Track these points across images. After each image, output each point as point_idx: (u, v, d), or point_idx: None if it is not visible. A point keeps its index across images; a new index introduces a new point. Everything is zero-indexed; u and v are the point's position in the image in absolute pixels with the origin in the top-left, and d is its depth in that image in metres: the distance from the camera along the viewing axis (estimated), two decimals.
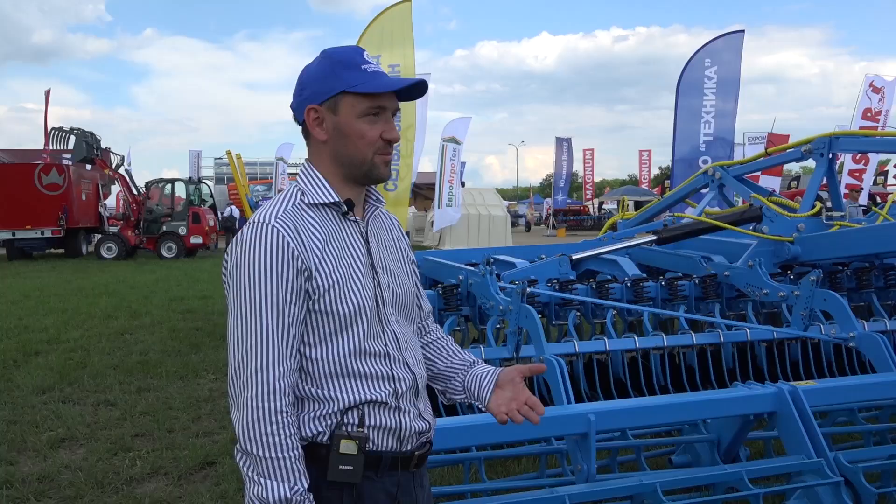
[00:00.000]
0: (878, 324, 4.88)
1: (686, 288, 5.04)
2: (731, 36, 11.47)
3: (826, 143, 5.40)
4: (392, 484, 1.62)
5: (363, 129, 1.59)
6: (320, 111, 1.61)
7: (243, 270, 1.51)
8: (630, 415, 3.13)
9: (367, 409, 1.57)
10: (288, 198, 1.61)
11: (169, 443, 4.87)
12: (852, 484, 3.06)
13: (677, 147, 11.64)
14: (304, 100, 1.63)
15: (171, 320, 9.83)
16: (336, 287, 1.55)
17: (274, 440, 1.47)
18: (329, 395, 1.56)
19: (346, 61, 1.60)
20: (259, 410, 1.47)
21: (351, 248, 1.62)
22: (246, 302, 1.50)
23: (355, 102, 1.58)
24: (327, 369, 1.57)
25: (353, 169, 1.63)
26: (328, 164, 1.64)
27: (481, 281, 4.43)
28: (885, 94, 15.87)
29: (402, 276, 1.75)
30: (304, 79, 1.65)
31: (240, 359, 1.50)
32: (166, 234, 21.59)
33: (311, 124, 1.63)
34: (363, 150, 1.60)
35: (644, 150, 46.76)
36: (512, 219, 24.02)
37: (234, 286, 1.53)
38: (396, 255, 1.77)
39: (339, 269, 1.57)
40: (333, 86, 1.59)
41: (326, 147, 1.63)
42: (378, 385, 1.59)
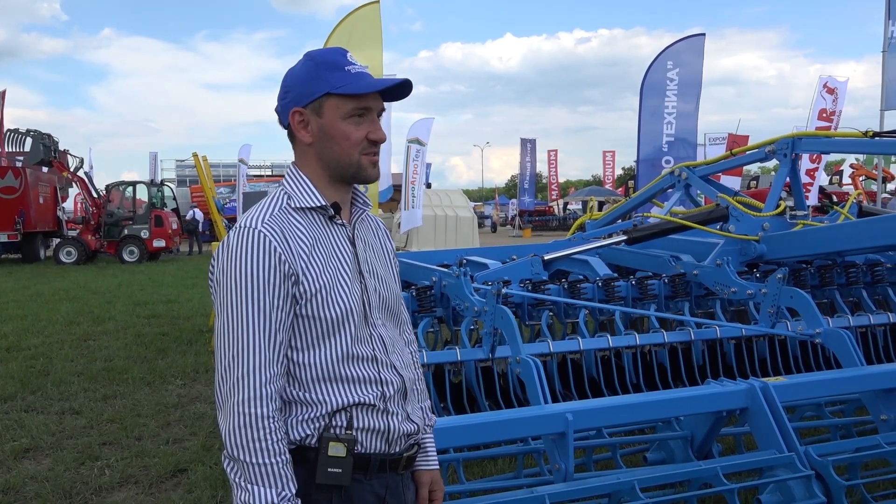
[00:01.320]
0: (842, 320, 5.01)
1: (656, 287, 5.11)
2: (693, 39, 11.68)
3: (789, 143, 5.53)
4: (381, 486, 1.61)
5: (348, 131, 1.58)
6: (305, 114, 1.60)
7: (230, 275, 1.50)
8: (607, 413, 3.16)
9: (355, 411, 1.57)
10: (274, 202, 1.60)
11: (138, 451, 4.78)
12: (822, 477, 3.13)
13: (641, 148, 11.81)
14: (288, 103, 1.62)
15: (135, 325, 9.65)
16: (323, 291, 1.54)
17: (261, 445, 1.45)
18: (317, 399, 1.55)
19: (329, 63, 1.59)
20: (246, 416, 1.45)
21: (338, 252, 1.61)
22: (233, 307, 1.48)
23: (340, 104, 1.57)
24: (315, 373, 1.56)
25: (340, 170, 1.62)
26: (314, 167, 1.63)
27: (455, 282, 4.44)
28: (838, 95, 16.25)
29: (389, 279, 1.75)
30: (287, 82, 1.63)
31: (227, 364, 1.48)
32: (128, 237, 21.17)
33: (296, 127, 1.61)
34: (349, 152, 1.60)
35: (608, 151, 47.33)
36: (478, 220, 24.08)
37: (221, 291, 1.52)
38: (383, 258, 1.76)
39: (327, 273, 1.56)
40: (317, 88, 1.58)
41: (312, 149, 1.62)
42: (366, 388, 1.59)
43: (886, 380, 3.52)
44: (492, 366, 4.38)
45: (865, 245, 4.85)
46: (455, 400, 4.37)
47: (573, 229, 7.70)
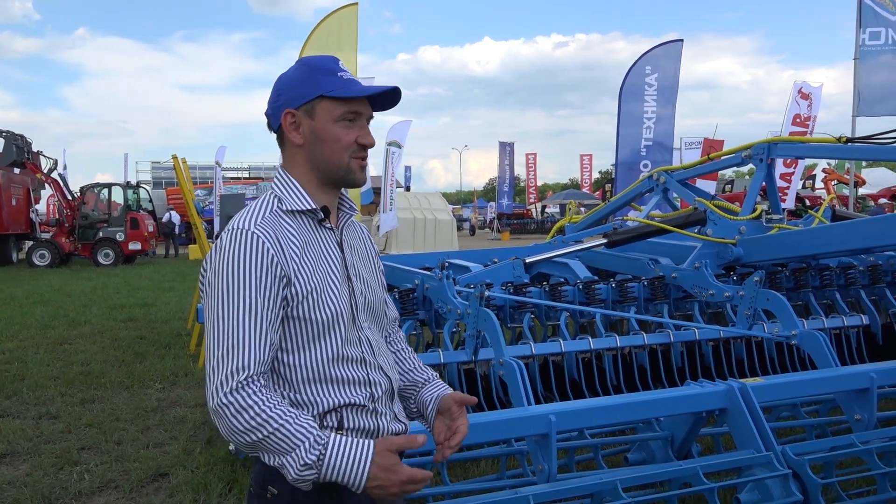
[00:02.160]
0: (817, 322, 5.11)
1: (636, 290, 5.17)
2: (671, 45, 11.82)
3: (765, 148, 5.63)
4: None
5: (339, 134, 1.62)
6: (297, 115, 1.63)
7: (222, 275, 1.51)
8: (589, 415, 3.20)
9: (345, 412, 1.60)
10: (265, 204, 1.62)
11: (118, 455, 4.73)
12: (799, 476, 3.20)
13: (620, 152, 11.92)
14: (280, 105, 1.65)
15: (112, 329, 9.54)
16: (314, 294, 1.57)
17: (262, 418, 1.44)
18: (308, 400, 1.58)
19: (323, 68, 1.64)
20: (235, 403, 1.45)
21: (327, 255, 1.64)
22: (224, 306, 1.50)
23: (332, 107, 1.61)
24: (306, 375, 1.58)
25: (330, 173, 1.65)
26: (304, 170, 1.66)
27: (438, 285, 4.46)
28: (812, 101, 16.53)
29: (374, 283, 1.78)
30: (280, 85, 1.67)
31: (215, 364, 1.49)
32: (103, 240, 20.92)
33: (287, 128, 1.65)
34: (339, 154, 1.63)
35: (585, 155, 47.56)
36: (456, 223, 24.16)
37: (212, 291, 1.53)
38: (368, 262, 1.80)
39: (317, 276, 1.59)
40: (311, 90, 1.62)
41: (302, 151, 1.65)
42: (356, 389, 1.62)
43: (860, 380, 3.60)
44: (475, 368, 4.41)
45: (839, 248, 4.96)
46: None
47: (553, 232, 7.77)
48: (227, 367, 1.47)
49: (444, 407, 1.77)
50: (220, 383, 1.46)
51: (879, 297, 5.72)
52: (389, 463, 1.48)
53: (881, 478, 3.36)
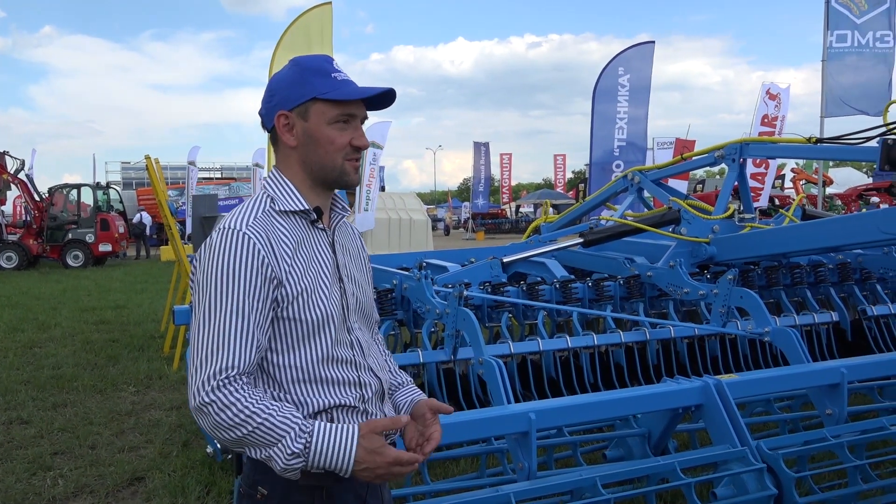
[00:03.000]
0: (788, 319, 5.21)
1: (612, 288, 5.23)
2: (643, 46, 11.96)
3: (737, 148, 5.72)
4: (361, 486, 1.65)
5: (333, 136, 1.62)
6: (290, 117, 1.64)
7: (211, 275, 1.51)
8: (569, 412, 3.23)
9: (336, 412, 1.60)
10: (258, 204, 1.63)
11: (92, 459, 4.67)
12: (774, 470, 3.26)
13: (594, 152, 12.03)
14: (273, 106, 1.65)
15: (83, 332, 9.40)
16: (305, 294, 1.58)
17: (247, 412, 1.44)
18: (298, 400, 1.58)
19: (316, 69, 1.63)
20: (218, 401, 1.45)
21: (319, 256, 1.65)
22: (212, 306, 1.50)
23: (325, 109, 1.62)
24: (296, 375, 1.58)
25: (323, 175, 1.66)
26: (297, 171, 1.67)
27: (416, 285, 4.47)
28: (780, 101, 16.79)
29: (365, 284, 1.79)
30: (273, 85, 1.67)
31: (199, 363, 1.48)
32: (72, 241, 20.56)
33: (280, 130, 1.65)
34: (333, 156, 1.64)
35: (559, 155, 47.91)
36: (431, 223, 24.19)
37: (200, 291, 1.53)
38: (359, 263, 1.81)
39: (308, 276, 1.60)
40: (304, 92, 1.62)
41: (296, 153, 1.66)
42: (346, 390, 1.62)
43: (831, 376, 3.68)
44: (454, 367, 4.42)
45: (809, 247, 5.05)
46: None
47: (528, 232, 7.82)
48: (211, 366, 1.47)
49: (417, 413, 1.76)
50: (203, 381, 1.46)
51: (848, 295, 5.84)
52: (375, 445, 1.48)
53: (852, 471, 3.43)
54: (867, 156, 4.94)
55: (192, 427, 5.21)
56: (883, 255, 5.84)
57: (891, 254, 5.79)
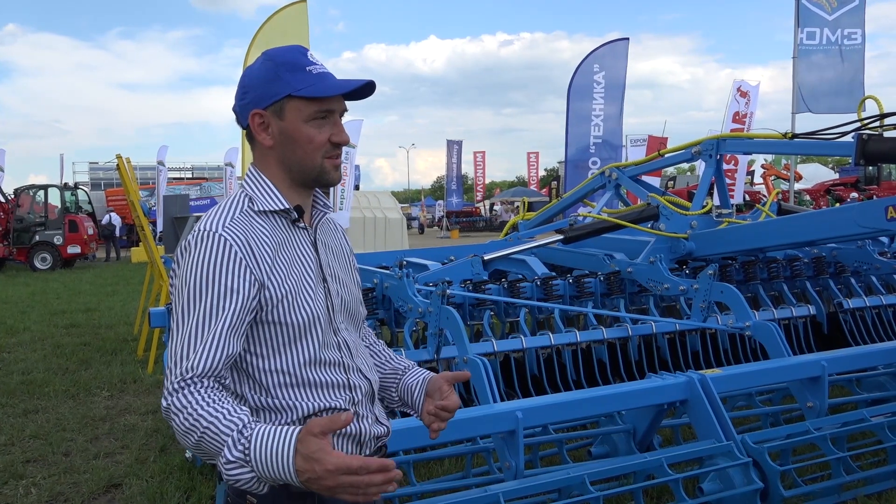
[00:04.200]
0: (767, 313, 5.26)
1: (592, 285, 5.23)
2: (617, 43, 12.02)
3: (714, 144, 5.76)
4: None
5: (311, 134, 1.55)
6: (265, 116, 1.56)
7: (189, 279, 1.46)
8: (556, 410, 3.22)
9: (326, 416, 1.54)
10: (235, 204, 1.56)
11: (66, 467, 4.55)
12: (759, 464, 3.27)
13: (569, 149, 12.06)
14: (246, 104, 1.58)
15: (53, 336, 9.19)
16: (289, 297, 1.52)
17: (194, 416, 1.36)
18: (286, 405, 1.52)
19: (290, 63, 1.55)
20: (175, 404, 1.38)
21: (301, 256, 1.59)
22: (188, 310, 1.44)
23: (302, 106, 1.54)
24: (283, 380, 1.53)
25: (303, 174, 1.59)
26: (275, 170, 1.60)
27: (398, 284, 4.43)
28: (750, 99, 16.99)
29: (350, 282, 1.73)
30: (246, 82, 1.59)
31: (173, 364, 1.43)
32: (40, 243, 20.14)
33: (256, 129, 1.58)
34: (312, 155, 1.57)
35: (532, 153, 47.92)
36: (406, 221, 24.13)
37: (178, 294, 1.48)
38: (343, 261, 1.75)
39: (291, 278, 1.54)
40: (278, 90, 1.54)
41: (273, 152, 1.59)
42: (335, 393, 1.57)
43: (812, 369, 3.72)
44: (437, 367, 4.38)
45: (787, 241, 5.10)
46: None
47: (506, 229, 7.81)
48: (176, 370, 1.41)
49: (432, 388, 1.69)
50: (168, 385, 1.41)
51: (823, 288, 5.91)
52: (311, 450, 1.27)
53: (835, 463, 3.46)
54: (842, 151, 5.00)
55: (169, 431, 5.11)
56: (857, 249, 5.93)
57: (864, 247, 5.88)
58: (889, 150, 4.63)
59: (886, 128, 4.70)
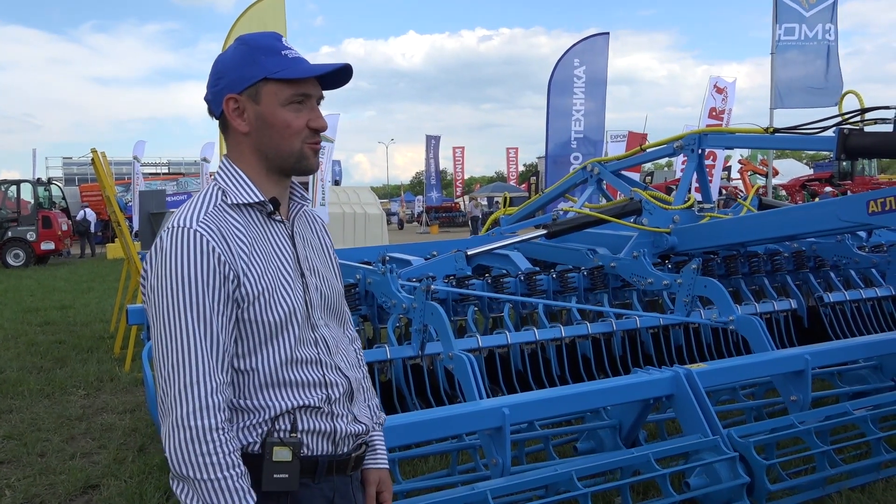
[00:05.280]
0: (749, 307, 5.28)
1: (576, 280, 5.21)
2: (597, 38, 12.02)
3: (696, 139, 5.77)
4: (329, 489, 1.56)
5: (288, 119, 1.51)
6: (240, 100, 1.51)
7: (165, 280, 1.39)
8: (542, 406, 3.19)
9: (299, 413, 1.50)
10: (208, 198, 1.50)
11: (42, 468, 4.45)
12: (745, 458, 3.27)
13: (550, 145, 12.04)
14: (220, 90, 1.53)
15: (27, 334, 9.01)
16: (266, 294, 1.47)
17: (210, 459, 1.36)
18: (258, 405, 1.47)
19: (264, 47, 1.51)
20: (191, 430, 1.36)
21: (278, 250, 1.53)
22: (170, 314, 1.38)
23: (278, 90, 1.50)
24: (258, 380, 1.48)
25: (280, 161, 1.54)
26: (249, 159, 1.54)
27: (381, 279, 4.38)
28: (727, 95, 17.13)
29: (330, 276, 1.67)
30: (219, 67, 1.54)
31: (167, 375, 1.38)
32: (12, 240, 19.78)
33: (230, 115, 1.53)
34: (290, 141, 1.52)
35: (511, 148, 47.98)
36: (385, 216, 24.05)
37: (155, 297, 1.41)
38: (322, 255, 1.69)
39: (268, 274, 1.48)
40: (253, 73, 1.50)
41: (249, 139, 1.53)
42: (310, 392, 1.52)
43: (796, 363, 3.73)
44: (421, 363, 4.34)
45: (769, 236, 5.12)
46: (384, 399, 4.31)
47: (488, 225, 7.78)
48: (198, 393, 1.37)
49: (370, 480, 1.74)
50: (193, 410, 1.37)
51: (803, 282, 5.95)
52: None
53: (819, 456, 3.48)
54: (823, 145, 5.03)
55: (148, 430, 5.02)
56: (836, 243, 5.96)
57: (844, 242, 5.92)
58: (870, 145, 4.66)
59: (867, 122, 4.73)
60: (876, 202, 4.25)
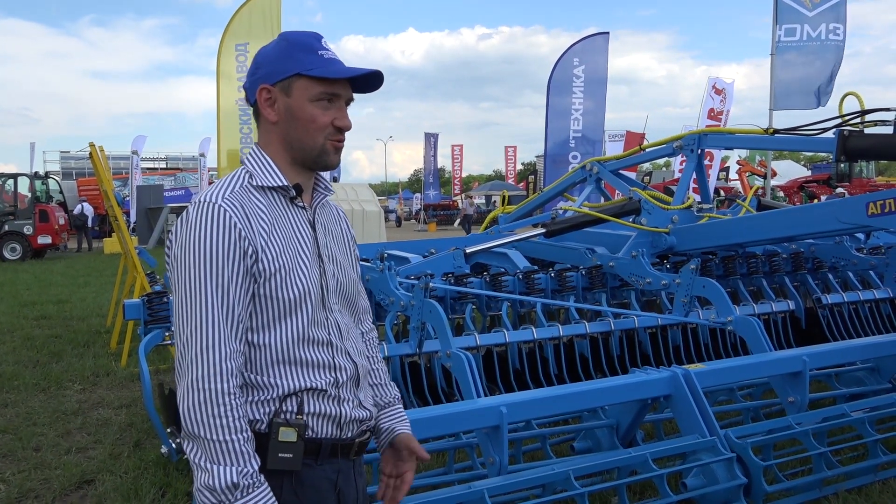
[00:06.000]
0: (747, 308, 5.27)
1: (574, 279, 5.21)
2: (597, 37, 12.01)
3: (695, 139, 5.76)
4: (332, 471, 1.62)
5: (315, 114, 1.59)
6: (273, 91, 1.60)
7: (188, 250, 1.48)
8: (540, 405, 3.19)
9: (306, 396, 1.57)
10: (236, 179, 1.59)
11: (37, 462, 4.44)
12: (742, 459, 3.27)
13: (549, 143, 12.04)
14: (257, 79, 1.62)
15: (23, 328, 8.98)
16: (283, 272, 1.54)
17: (220, 422, 1.43)
18: (269, 382, 1.54)
19: (303, 44, 1.60)
20: (204, 392, 1.44)
21: (298, 233, 1.61)
22: (190, 282, 1.47)
23: (309, 86, 1.58)
24: (269, 356, 1.55)
25: (303, 153, 1.62)
26: (277, 148, 1.63)
27: (380, 277, 4.37)
28: (726, 96, 17.13)
29: (347, 266, 1.75)
30: (259, 59, 1.64)
31: (185, 340, 1.47)
32: (9, 233, 19.74)
33: (262, 104, 1.62)
34: (314, 135, 1.60)
35: (509, 147, 48.02)
36: (383, 214, 24.02)
37: (178, 266, 1.50)
38: (343, 245, 1.77)
39: (286, 254, 1.56)
40: (288, 67, 1.59)
41: (277, 129, 1.62)
42: (319, 373, 1.59)
43: (794, 364, 3.73)
44: (419, 361, 4.33)
45: (768, 237, 5.11)
46: None
47: (486, 223, 7.77)
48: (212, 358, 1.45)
49: (397, 446, 1.81)
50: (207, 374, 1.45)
51: (801, 283, 5.95)
52: None
53: (817, 458, 3.48)
54: (823, 146, 5.02)
55: (144, 426, 5.01)
56: (834, 245, 5.97)
57: (842, 243, 5.92)
58: (869, 147, 4.65)
59: (867, 124, 4.73)
60: (875, 204, 4.25)
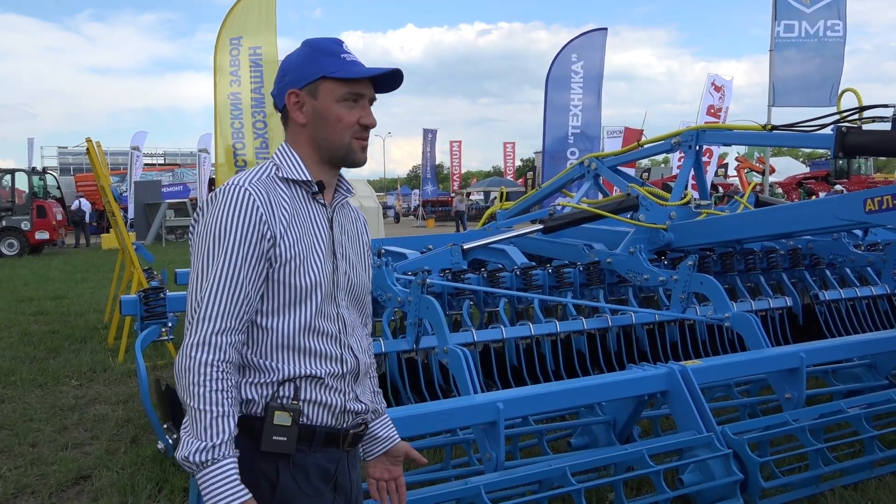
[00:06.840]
0: (745, 304, 5.27)
1: (572, 275, 5.20)
2: (595, 33, 11.99)
3: (693, 136, 5.76)
4: (326, 460, 1.66)
5: (341, 114, 1.66)
6: (300, 95, 1.68)
7: (210, 226, 1.56)
8: (537, 401, 3.19)
9: (303, 383, 1.61)
10: (263, 170, 1.67)
11: (34, 458, 4.43)
12: (739, 455, 3.27)
13: (547, 140, 12.02)
14: (285, 85, 1.70)
15: (20, 323, 8.97)
16: (297, 260, 1.60)
17: (197, 391, 1.48)
18: (270, 366, 1.59)
19: (325, 49, 1.69)
20: (189, 359, 1.49)
21: (315, 227, 1.67)
22: (206, 255, 1.55)
23: (334, 87, 1.66)
24: (275, 340, 1.60)
25: (331, 152, 1.69)
26: (305, 147, 1.70)
27: (377, 272, 4.36)
28: (724, 93, 17.11)
29: (359, 267, 1.80)
30: (285, 66, 1.73)
31: (189, 309, 1.54)
32: (6, 229, 19.72)
33: (291, 108, 1.70)
34: (341, 134, 1.67)
35: (508, 143, 48.02)
36: (382, 209, 23.98)
37: (198, 241, 1.58)
38: (358, 247, 1.82)
39: (303, 243, 1.62)
40: (313, 71, 1.67)
41: (305, 130, 1.69)
42: (320, 363, 1.63)
43: (791, 360, 3.73)
44: (416, 357, 4.33)
45: (766, 233, 5.11)
46: None
47: (484, 219, 7.76)
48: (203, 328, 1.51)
49: (394, 453, 1.87)
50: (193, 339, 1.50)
51: (799, 280, 5.95)
52: None
53: (813, 454, 3.48)
54: (821, 143, 5.02)
55: (141, 422, 5.00)
56: (832, 241, 5.97)
57: (840, 240, 5.92)
58: (868, 143, 4.65)
59: (865, 121, 4.72)
60: (873, 201, 4.25)
